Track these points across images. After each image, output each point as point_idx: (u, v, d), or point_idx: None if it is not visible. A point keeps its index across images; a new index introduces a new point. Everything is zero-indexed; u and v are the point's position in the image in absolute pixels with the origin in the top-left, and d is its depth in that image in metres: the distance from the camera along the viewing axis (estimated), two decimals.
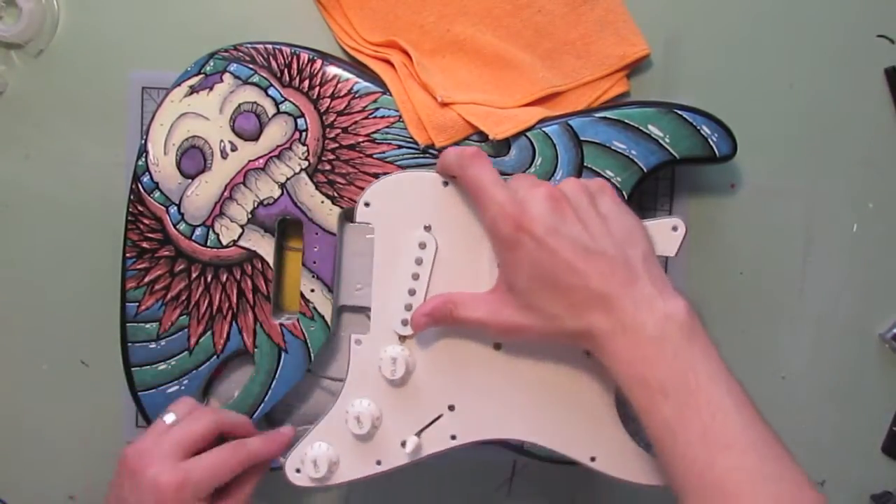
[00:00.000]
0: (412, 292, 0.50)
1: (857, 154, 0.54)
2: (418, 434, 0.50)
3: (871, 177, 0.54)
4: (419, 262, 0.50)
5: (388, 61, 0.54)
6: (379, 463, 0.51)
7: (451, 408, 0.50)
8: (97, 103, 0.56)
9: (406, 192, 0.50)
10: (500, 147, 0.53)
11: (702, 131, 0.52)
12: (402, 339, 0.51)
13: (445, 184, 0.50)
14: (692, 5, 0.55)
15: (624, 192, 0.53)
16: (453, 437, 0.50)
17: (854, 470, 0.55)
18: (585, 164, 0.53)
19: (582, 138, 0.53)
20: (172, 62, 0.53)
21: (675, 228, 0.49)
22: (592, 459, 0.50)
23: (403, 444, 0.50)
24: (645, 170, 0.53)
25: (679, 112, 0.52)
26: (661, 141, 0.52)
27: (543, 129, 0.53)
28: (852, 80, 0.53)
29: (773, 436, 0.40)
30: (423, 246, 0.50)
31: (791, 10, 0.53)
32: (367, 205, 0.50)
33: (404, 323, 0.50)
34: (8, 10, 0.54)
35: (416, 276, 0.50)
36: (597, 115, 0.53)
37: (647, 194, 0.57)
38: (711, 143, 0.52)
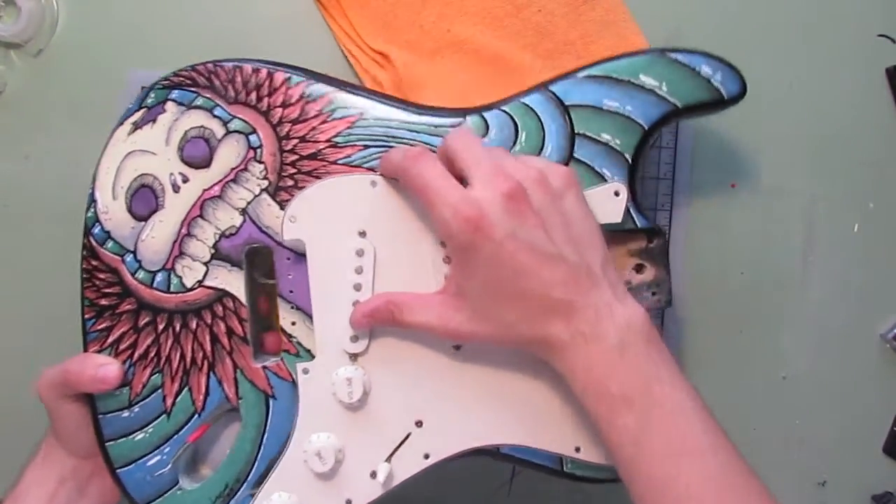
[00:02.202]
0: (356, 304, 0.45)
1: (857, 154, 0.53)
2: (388, 459, 0.45)
3: (871, 177, 0.53)
4: (359, 271, 0.45)
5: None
6: (349, 502, 0.45)
7: (419, 423, 0.46)
8: (97, 103, 0.55)
9: (333, 199, 0.46)
10: (478, 127, 0.47)
11: (701, 72, 0.46)
12: (354, 357, 0.46)
13: (374, 184, 0.46)
14: (692, 5, 0.55)
15: (626, 156, 0.46)
16: (427, 456, 0.45)
17: (855, 470, 0.54)
18: (577, 131, 0.47)
19: (567, 103, 0.47)
20: (172, 62, 0.50)
21: (616, 193, 0.46)
22: (577, 450, 0.46)
23: (374, 474, 0.45)
24: (646, 126, 0.46)
25: (672, 55, 0.46)
26: (657, 91, 0.46)
27: (522, 100, 0.47)
28: (852, 80, 0.53)
29: (727, 438, 0.40)
30: (360, 253, 0.46)
31: (791, 10, 0.53)
32: (292, 220, 0.46)
33: (353, 339, 0.46)
34: (7, 10, 0.54)
35: (357, 287, 0.46)
36: (580, 74, 0.47)
37: (647, 194, 0.55)
38: (715, 83, 0.46)
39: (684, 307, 0.54)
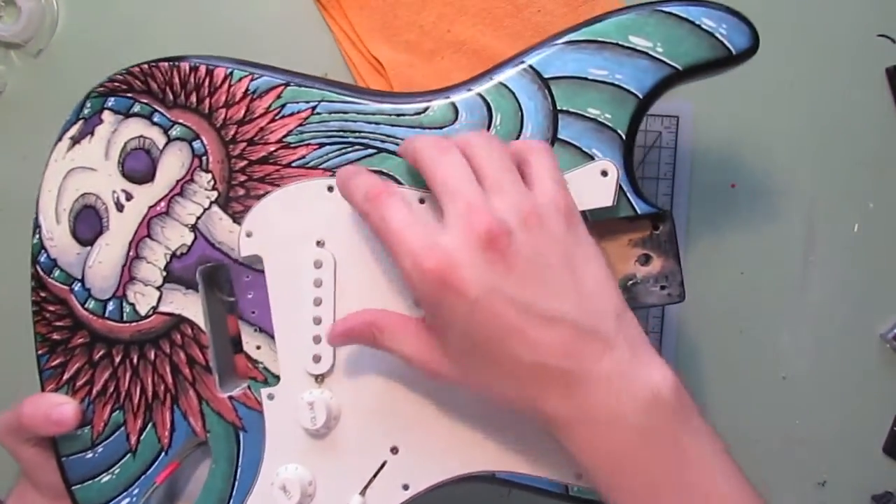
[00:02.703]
0: (318, 321, 0.41)
1: (857, 154, 0.53)
2: (362, 492, 0.41)
3: (871, 177, 0.53)
4: (318, 283, 0.41)
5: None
6: None
7: (395, 450, 0.41)
8: None
9: (288, 208, 0.41)
10: (446, 113, 0.41)
11: (703, 26, 0.39)
12: (319, 379, 0.41)
13: (331, 188, 0.41)
14: None
15: (619, 132, 0.40)
16: (406, 487, 0.41)
17: (855, 470, 0.54)
18: (559, 107, 0.40)
19: (547, 76, 0.40)
20: None
21: (604, 173, 0.39)
22: (580, 477, 0.40)
23: None
24: (640, 95, 0.40)
25: (665, 10, 0.39)
26: (651, 53, 0.40)
27: (494, 77, 0.41)
28: (852, 80, 0.52)
29: None
30: (318, 265, 0.41)
31: (791, 10, 0.52)
32: (249, 235, 0.42)
33: (316, 359, 0.41)
34: (7, 10, 0.54)
35: (318, 302, 0.41)
36: (559, 41, 0.41)
37: (648, 195, 0.50)
38: (720, 37, 0.39)
39: (684, 307, 0.53)
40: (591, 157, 0.40)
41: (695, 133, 0.52)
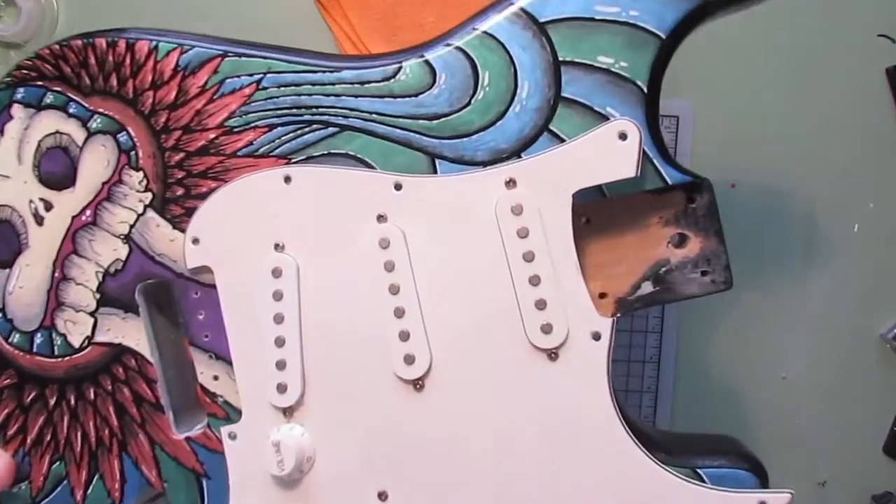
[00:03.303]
0: (280, 342, 0.34)
1: (857, 154, 0.52)
2: None
3: (871, 177, 0.52)
4: (279, 296, 0.34)
5: None
6: None
7: (383, 496, 0.34)
8: None
9: (239, 207, 0.34)
10: (421, 76, 0.33)
11: None
12: (287, 412, 0.34)
13: (288, 179, 0.34)
14: None
15: (639, 83, 0.32)
16: None
17: (855, 470, 0.54)
18: (562, 58, 0.32)
19: (543, 20, 0.32)
20: None
21: (623, 136, 0.32)
22: None
23: None
24: (663, 35, 0.32)
25: None
26: None
27: (477, 27, 0.33)
28: (852, 80, 0.52)
29: None
30: (278, 273, 0.34)
31: (791, 10, 0.51)
32: (195, 242, 0.34)
33: (281, 389, 0.34)
34: (7, 10, 0.53)
35: (279, 319, 0.34)
36: None
37: None
38: None
39: (684, 307, 0.52)
40: (606, 118, 0.32)
41: (695, 133, 0.51)
